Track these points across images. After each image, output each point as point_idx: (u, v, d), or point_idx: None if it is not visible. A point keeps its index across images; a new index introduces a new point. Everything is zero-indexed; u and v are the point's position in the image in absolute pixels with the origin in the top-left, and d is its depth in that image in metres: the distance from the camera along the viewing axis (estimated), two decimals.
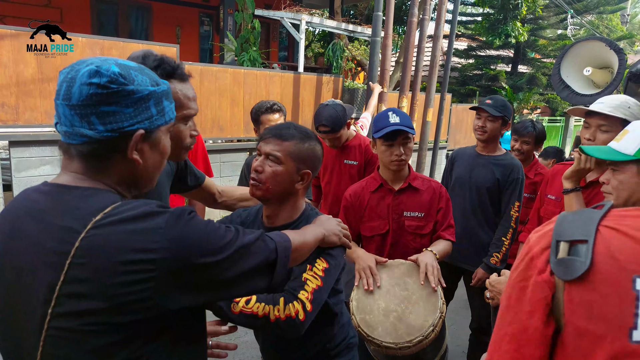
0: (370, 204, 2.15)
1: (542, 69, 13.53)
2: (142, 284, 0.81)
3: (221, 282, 0.92)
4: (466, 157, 2.97)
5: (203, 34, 12.33)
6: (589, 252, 0.71)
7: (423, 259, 1.84)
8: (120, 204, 0.86)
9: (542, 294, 0.75)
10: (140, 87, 0.90)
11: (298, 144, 1.43)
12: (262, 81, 6.92)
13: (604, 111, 1.87)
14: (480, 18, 13.76)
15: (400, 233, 2.11)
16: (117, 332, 0.82)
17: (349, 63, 11.36)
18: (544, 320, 0.75)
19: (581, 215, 0.77)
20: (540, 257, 0.77)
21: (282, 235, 1.11)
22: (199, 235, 0.88)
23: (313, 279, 1.33)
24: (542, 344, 0.75)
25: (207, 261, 0.88)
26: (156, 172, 1.01)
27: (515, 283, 0.80)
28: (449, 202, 2.16)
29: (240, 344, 3.44)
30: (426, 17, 8.04)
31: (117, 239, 0.81)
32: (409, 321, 1.70)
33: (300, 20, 8.42)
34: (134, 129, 0.90)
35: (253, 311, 1.26)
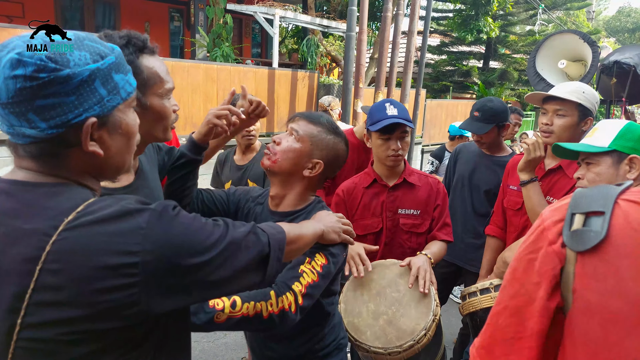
0: (363, 200, 2.04)
1: (513, 64, 13.76)
2: (126, 290, 0.73)
3: (212, 282, 0.84)
4: (470, 154, 2.85)
5: (173, 30, 12.02)
6: (605, 223, 0.68)
7: (415, 262, 1.75)
8: (93, 202, 0.76)
9: (551, 265, 0.73)
10: (78, 68, 0.74)
11: (323, 131, 1.43)
12: (235, 77, 6.77)
13: (561, 95, 1.92)
14: (452, 14, 13.87)
15: (394, 232, 2.02)
16: (98, 340, 0.74)
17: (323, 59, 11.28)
18: (549, 292, 0.73)
19: (600, 190, 0.74)
20: (552, 229, 0.75)
21: (276, 227, 1.04)
22: (185, 233, 0.79)
23: (310, 272, 1.27)
24: (544, 317, 0.73)
25: (195, 262, 0.79)
26: (125, 157, 0.88)
27: (524, 255, 0.77)
28: (446, 198, 2.06)
29: (220, 345, 3.36)
30: (400, 12, 8.02)
31: (95, 241, 0.72)
32: (399, 325, 1.62)
33: (273, 15, 8.29)
34: (83, 119, 0.76)
35: (243, 314, 1.17)
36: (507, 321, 0.76)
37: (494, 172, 2.68)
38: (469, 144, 2.99)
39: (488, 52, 14.26)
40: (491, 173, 2.69)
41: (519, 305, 0.75)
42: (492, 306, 0.81)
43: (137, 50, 1.17)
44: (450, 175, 3.00)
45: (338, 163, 1.48)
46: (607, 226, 0.67)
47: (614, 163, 1.46)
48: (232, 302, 1.17)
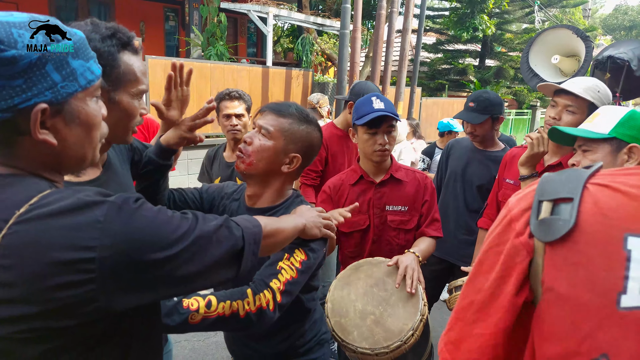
0: (350, 197, 1.99)
1: (509, 62, 13.75)
2: (82, 286, 0.68)
3: (181, 277, 0.79)
4: (462, 149, 2.81)
5: (168, 30, 11.97)
6: (574, 211, 0.63)
7: (403, 261, 1.71)
8: (49, 193, 0.71)
9: (519, 258, 0.68)
10: (26, 50, 0.69)
11: (294, 123, 1.36)
12: (229, 75, 6.73)
13: (575, 91, 1.84)
14: (448, 12, 13.86)
15: (382, 229, 1.97)
16: (55, 338, 0.70)
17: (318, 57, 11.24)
18: (517, 287, 0.68)
19: (567, 174, 0.69)
20: (519, 220, 0.70)
21: (252, 221, 0.99)
22: (147, 227, 0.75)
23: (289, 269, 1.23)
24: (510, 313, 0.69)
25: (158, 257, 0.74)
26: (85, 148, 0.82)
27: (490, 248, 0.73)
28: (434, 193, 2.02)
29: (210, 344, 3.32)
30: (395, 10, 7.99)
31: (48, 235, 0.68)
32: (387, 325, 1.58)
33: (267, 13, 8.25)
34: (31, 105, 0.71)
35: (219, 313, 1.13)
36: (473, 316, 0.73)
37: (486, 167, 2.65)
38: (462, 139, 2.95)
39: (484, 50, 14.24)
40: (484, 168, 2.66)
41: (484, 301, 0.72)
42: (460, 298, 0.78)
43: (121, 44, 1.15)
44: (442, 171, 2.96)
45: (314, 152, 1.43)
46: (576, 213, 0.63)
47: (612, 151, 1.39)
48: (207, 302, 1.13)
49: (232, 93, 2.63)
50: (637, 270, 0.57)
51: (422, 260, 1.80)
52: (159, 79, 5.89)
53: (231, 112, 2.57)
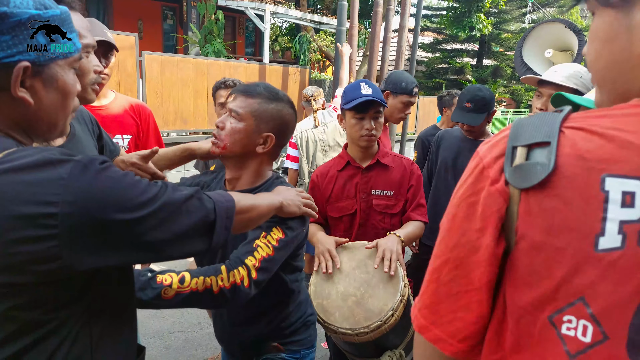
0: (337, 183, 2.02)
1: (506, 61, 13.78)
2: (43, 242, 0.69)
3: (147, 243, 0.79)
4: (453, 139, 2.84)
5: (167, 30, 11.99)
6: (552, 154, 0.61)
7: (382, 243, 1.73)
8: (14, 151, 0.73)
9: (496, 207, 0.65)
10: (17, 9, 0.73)
11: (263, 102, 1.34)
12: (226, 72, 6.74)
13: (556, 81, 1.87)
14: (445, 12, 13.89)
15: (368, 213, 1.99)
16: (19, 295, 0.71)
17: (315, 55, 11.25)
18: (496, 237, 0.65)
19: (539, 118, 0.66)
20: (493, 167, 0.66)
21: (224, 195, 0.99)
22: (112, 188, 0.75)
23: (265, 247, 1.24)
24: (492, 265, 0.66)
25: (123, 218, 0.75)
26: (58, 115, 0.85)
27: (462, 200, 0.69)
28: (420, 179, 2.04)
29: (204, 335, 3.34)
30: (391, 8, 8.00)
31: (10, 190, 0.68)
32: (367, 306, 1.60)
33: (264, 10, 8.27)
34: (15, 61, 0.74)
35: (192, 288, 1.14)
36: (450, 275, 0.69)
37: None
38: (451, 130, 2.97)
39: (481, 50, 14.28)
40: None
41: (461, 256, 0.68)
42: (432, 259, 0.73)
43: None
44: (432, 161, 2.98)
45: (289, 129, 1.42)
46: (555, 157, 0.61)
47: None
48: (180, 278, 1.14)
49: (227, 82, 2.66)
50: (615, 212, 0.57)
51: (407, 242, 1.82)
52: (155, 74, 5.91)
53: (224, 100, 2.60)
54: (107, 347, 0.85)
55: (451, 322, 0.69)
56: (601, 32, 0.65)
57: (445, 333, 0.70)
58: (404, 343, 1.78)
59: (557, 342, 0.61)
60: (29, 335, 0.74)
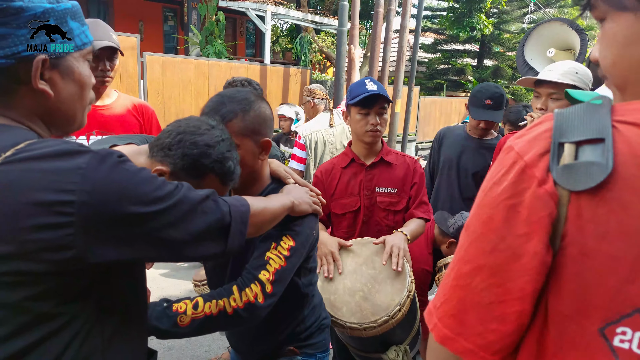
0: (341, 180, 2.04)
1: (507, 61, 13.79)
2: (59, 230, 0.70)
3: (162, 240, 0.80)
4: (456, 137, 2.85)
5: (167, 31, 12.02)
6: (609, 153, 0.55)
7: (389, 240, 1.75)
8: (35, 141, 0.75)
9: (546, 210, 0.58)
10: (32, 3, 0.75)
11: (244, 117, 1.26)
12: (227, 73, 6.76)
13: (553, 79, 1.88)
14: (445, 12, 13.91)
15: (372, 210, 2.00)
16: (34, 284, 0.71)
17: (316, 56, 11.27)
18: (546, 243, 0.58)
19: (586, 110, 0.60)
20: (537, 165, 0.60)
21: (239, 199, 0.99)
22: (128, 181, 0.76)
23: (277, 258, 1.22)
24: (541, 274, 0.59)
25: (139, 211, 0.76)
26: (76, 106, 0.87)
27: (501, 201, 0.61)
28: (422, 177, 2.06)
29: (207, 335, 3.31)
30: (392, 8, 8.02)
31: (29, 177, 0.70)
32: (374, 301, 1.61)
33: (265, 11, 8.28)
34: (34, 54, 0.76)
35: (206, 313, 1.13)
36: (484, 283, 0.62)
37: (481, 155, 2.70)
38: (454, 127, 3.00)
39: (482, 50, 14.29)
40: (479, 156, 2.71)
41: (499, 263, 0.61)
42: (455, 266, 0.67)
43: None
44: (435, 159, 2.99)
45: (271, 121, 1.36)
46: (612, 156, 0.55)
47: None
48: (194, 304, 1.14)
49: (235, 83, 2.57)
50: None
51: (411, 239, 1.83)
52: (156, 75, 5.92)
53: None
54: (118, 348, 0.85)
55: (482, 334, 0.63)
56: (620, 36, 0.62)
57: (475, 345, 0.64)
58: (409, 338, 1.79)
59: (608, 354, 0.57)
60: (41, 328, 0.74)
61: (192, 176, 1.06)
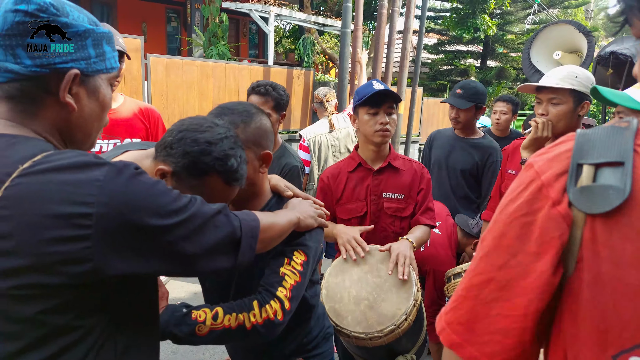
0: (348, 185, 2.02)
1: (511, 62, 13.74)
2: (77, 242, 0.70)
3: (175, 253, 0.81)
4: (445, 138, 2.98)
5: (170, 32, 12.01)
6: (628, 178, 0.55)
7: (395, 248, 1.72)
8: (52, 153, 0.75)
9: (557, 232, 0.58)
10: (75, 21, 0.80)
11: (244, 129, 1.25)
12: (230, 74, 6.74)
13: (552, 84, 1.89)
14: (449, 13, 13.87)
15: (378, 215, 1.98)
16: (49, 298, 0.71)
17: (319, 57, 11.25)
18: (554, 265, 0.58)
19: (609, 132, 0.60)
20: (553, 185, 0.59)
21: (249, 214, 1.00)
22: (145, 192, 0.77)
23: (292, 274, 1.22)
24: (545, 294, 0.59)
25: (154, 223, 0.76)
26: (94, 125, 0.89)
27: (515, 218, 0.62)
28: (429, 183, 2.04)
29: None
30: (396, 10, 8.00)
31: (47, 189, 0.70)
32: (380, 310, 1.59)
33: (268, 12, 8.27)
34: (67, 67, 0.79)
35: (225, 325, 1.13)
36: (493, 295, 0.63)
37: (468, 154, 2.82)
38: (444, 130, 3.11)
39: (486, 51, 14.24)
40: (466, 154, 2.83)
41: (508, 278, 0.62)
42: (469, 275, 0.68)
43: None
44: (426, 161, 3.09)
45: (271, 134, 1.35)
46: (630, 182, 0.54)
47: None
48: (214, 314, 1.13)
49: (259, 88, 2.42)
50: None
51: (417, 246, 1.80)
52: (160, 76, 5.91)
53: None
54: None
55: (488, 343, 0.64)
56: None
57: (482, 353, 0.65)
58: (416, 347, 1.76)
59: None
60: (56, 341, 0.74)
61: (193, 175, 1.05)
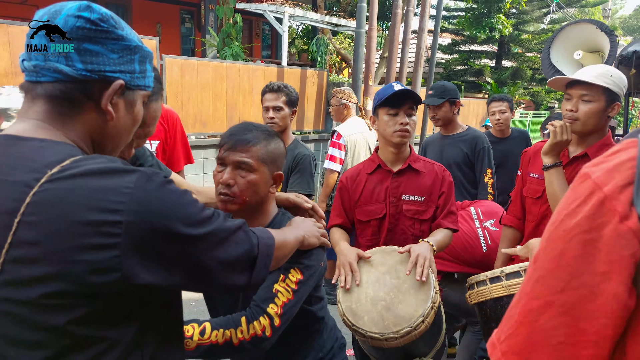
0: (367, 186, 1.99)
1: (526, 63, 13.58)
2: (106, 251, 0.69)
3: (196, 265, 0.80)
4: (435, 141, 3.27)
5: (185, 33, 12.10)
6: None
7: (415, 249, 1.70)
8: (81, 158, 0.75)
9: (629, 250, 0.53)
10: (129, 36, 0.83)
11: (266, 145, 1.31)
12: (245, 75, 6.76)
13: (587, 79, 1.82)
14: (463, 13, 13.76)
15: (398, 218, 1.96)
16: (77, 307, 0.70)
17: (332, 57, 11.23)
18: (629, 286, 0.53)
19: None
20: (619, 198, 0.54)
21: (265, 232, 0.99)
22: (174, 201, 0.76)
23: (285, 291, 1.23)
24: (621, 319, 0.54)
25: (183, 232, 0.76)
26: (124, 138, 0.90)
27: (575, 235, 0.56)
28: (451, 186, 2.01)
29: None
30: (411, 9, 7.96)
31: (77, 195, 0.69)
32: (397, 311, 1.56)
33: (282, 13, 8.28)
34: (115, 77, 0.81)
35: (212, 341, 1.14)
36: (554, 322, 0.57)
37: (457, 147, 3.07)
38: (433, 136, 3.38)
39: (500, 51, 14.10)
40: (456, 149, 3.08)
41: (572, 302, 0.56)
42: (522, 300, 0.62)
43: None
44: None
45: (284, 161, 1.42)
46: None
47: None
48: (201, 329, 1.15)
49: (273, 85, 2.65)
50: None
51: (437, 250, 1.78)
52: (175, 78, 5.95)
53: (269, 104, 2.62)
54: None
55: None
56: None
57: None
58: (433, 351, 1.74)
59: None
60: (82, 352, 0.73)
61: None
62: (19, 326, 0.70)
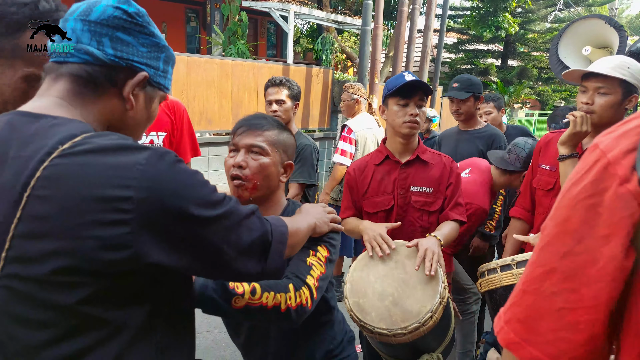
0: (375, 178, 1.98)
1: (533, 62, 13.50)
2: (117, 227, 0.69)
3: (206, 248, 0.78)
4: (450, 135, 3.19)
5: (190, 32, 12.12)
6: None
7: (423, 243, 1.68)
8: (93, 134, 0.75)
9: (627, 211, 0.54)
10: (159, 35, 0.88)
11: (278, 133, 1.33)
12: (250, 72, 6.75)
13: (603, 71, 1.78)
14: (469, 12, 13.70)
15: (406, 209, 1.94)
16: (87, 285, 0.69)
17: (338, 55, 11.20)
18: (625, 247, 0.53)
19: None
20: (621, 162, 0.55)
21: (278, 219, 0.98)
22: (187, 181, 0.76)
23: (318, 265, 1.22)
24: (616, 281, 0.54)
25: (196, 213, 0.75)
26: (138, 131, 0.92)
27: (579, 201, 0.57)
28: (459, 177, 1.99)
29: (217, 341, 3.27)
30: (416, 7, 7.93)
31: (88, 171, 0.69)
32: (405, 306, 1.55)
33: (288, 11, 8.26)
34: (141, 69, 0.84)
35: (262, 303, 1.09)
36: (556, 287, 0.58)
37: (473, 144, 3.00)
38: (449, 129, 3.30)
39: (506, 50, 14.03)
40: (471, 145, 3.00)
41: (574, 267, 0.57)
42: (530, 267, 0.63)
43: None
44: None
45: (295, 152, 1.44)
46: None
47: None
48: (251, 289, 1.10)
49: (275, 79, 2.71)
50: None
51: (445, 244, 1.75)
52: (181, 75, 5.95)
53: (272, 98, 2.67)
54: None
55: (552, 342, 0.59)
56: None
57: (545, 354, 0.60)
58: (442, 346, 1.72)
59: None
60: (89, 334, 0.72)
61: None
62: (26, 304, 0.69)
